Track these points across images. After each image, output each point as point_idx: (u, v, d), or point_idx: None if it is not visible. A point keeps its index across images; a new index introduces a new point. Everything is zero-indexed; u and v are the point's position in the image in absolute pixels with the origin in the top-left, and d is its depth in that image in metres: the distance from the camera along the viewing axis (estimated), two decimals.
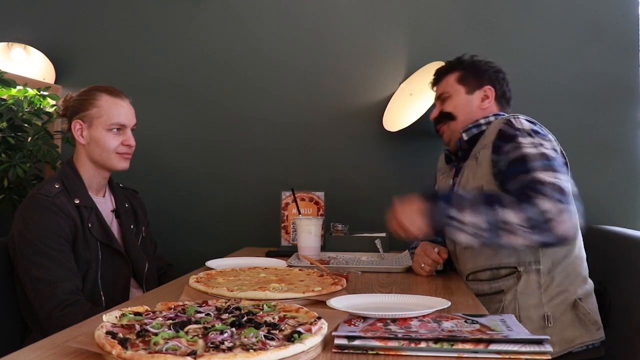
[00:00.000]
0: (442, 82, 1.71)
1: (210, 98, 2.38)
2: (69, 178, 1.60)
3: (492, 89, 1.65)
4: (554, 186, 1.29)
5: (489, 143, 1.49)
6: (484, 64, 1.68)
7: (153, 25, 2.42)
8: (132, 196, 1.84)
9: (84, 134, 1.62)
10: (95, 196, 1.66)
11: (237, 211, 2.35)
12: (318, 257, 1.76)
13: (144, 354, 0.71)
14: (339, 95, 2.32)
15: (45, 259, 1.45)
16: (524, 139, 1.41)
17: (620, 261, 1.64)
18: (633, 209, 2.16)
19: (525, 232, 1.25)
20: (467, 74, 1.67)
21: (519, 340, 0.80)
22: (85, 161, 1.64)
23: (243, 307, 0.98)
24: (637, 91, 2.18)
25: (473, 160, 1.55)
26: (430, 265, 1.57)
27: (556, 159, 1.40)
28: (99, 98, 1.63)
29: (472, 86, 1.66)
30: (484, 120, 1.61)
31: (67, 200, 1.54)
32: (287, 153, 2.34)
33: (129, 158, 1.68)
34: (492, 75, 1.66)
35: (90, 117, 1.62)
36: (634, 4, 2.18)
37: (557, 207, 1.25)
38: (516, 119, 1.47)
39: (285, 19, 2.36)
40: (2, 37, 2.42)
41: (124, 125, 1.65)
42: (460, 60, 1.71)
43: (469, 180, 1.54)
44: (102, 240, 1.58)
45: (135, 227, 1.76)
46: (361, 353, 0.82)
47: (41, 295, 1.43)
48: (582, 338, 1.44)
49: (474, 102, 1.65)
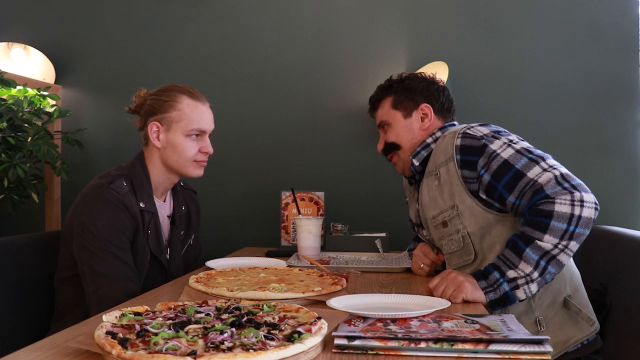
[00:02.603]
0: (379, 110, 1.68)
1: (209, 98, 2.36)
2: (138, 178, 1.53)
3: (429, 105, 1.61)
4: (556, 179, 1.30)
5: (448, 159, 1.46)
6: (414, 81, 1.64)
7: (153, 25, 2.42)
8: (190, 198, 1.78)
9: (160, 137, 1.54)
10: (158, 200, 1.60)
11: (237, 211, 2.35)
12: (318, 257, 1.76)
13: (144, 354, 0.71)
14: (339, 95, 2.32)
15: (110, 257, 1.41)
16: (492, 145, 1.40)
17: (620, 261, 1.64)
18: (633, 209, 2.16)
19: (565, 246, 1.28)
20: (399, 97, 1.63)
21: (519, 341, 0.80)
22: (157, 163, 1.57)
23: (243, 307, 0.98)
24: (637, 91, 2.17)
25: (432, 179, 1.52)
26: (429, 266, 1.58)
27: (532, 147, 1.41)
28: (180, 100, 1.55)
29: (407, 109, 1.62)
30: (430, 139, 1.58)
31: (134, 201, 1.48)
32: (287, 153, 2.34)
33: (205, 165, 1.61)
34: (424, 91, 1.62)
35: (169, 120, 1.53)
36: (634, 4, 2.18)
37: (574, 200, 1.27)
38: (471, 129, 1.46)
39: (285, 19, 2.36)
40: (2, 37, 2.42)
41: (204, 131, 1.57)
42: (390, 82, 1.67)
43: (436, 201, 1.50)
44: (153, 251, 1.54)
45: (186, 233, 1.71)
46: (361, 353, 0.82)
47: (103, 291, 1.39)
48: (576, 337, 1.43)
49: (414, 125, 1.61)
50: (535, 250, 1.28)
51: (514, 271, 1.29)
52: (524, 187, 1.34)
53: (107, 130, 2.41)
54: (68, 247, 1.50)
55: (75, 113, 2.39)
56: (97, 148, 2.42)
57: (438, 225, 1.51)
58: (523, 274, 1.28)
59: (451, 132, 1.50)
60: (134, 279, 1.44)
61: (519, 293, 1.29)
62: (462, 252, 1.47)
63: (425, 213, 1.56)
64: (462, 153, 1.43)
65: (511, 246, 1.32)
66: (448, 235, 1.49)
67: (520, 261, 1.29)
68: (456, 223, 1.46)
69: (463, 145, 1.43)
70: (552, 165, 1.35)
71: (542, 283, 1.31)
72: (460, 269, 1.47)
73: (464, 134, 1.45)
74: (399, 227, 2.19)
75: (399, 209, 2.23)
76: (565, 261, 1.31)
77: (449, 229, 1.48)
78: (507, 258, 1.31)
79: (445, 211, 1.48)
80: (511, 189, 1.36)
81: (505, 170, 1.36)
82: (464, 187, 1.44)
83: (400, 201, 2.26)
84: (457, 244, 1.47)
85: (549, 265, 1.29)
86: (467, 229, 1.45)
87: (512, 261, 1.30)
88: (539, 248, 1.28)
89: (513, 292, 1.29)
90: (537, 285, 1.30)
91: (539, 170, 1.33)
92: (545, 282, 1.32)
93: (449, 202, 1.47)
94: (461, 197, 1.44)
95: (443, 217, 1.49)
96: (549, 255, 1.28)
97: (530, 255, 1.28)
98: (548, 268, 1.29)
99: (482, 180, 1.40)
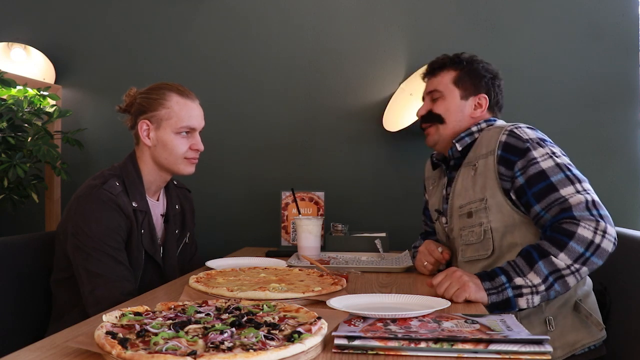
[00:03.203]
0: (437, 78, 1.63)
1: (209, 98, 2.37)
2: (130, 177, 1.53)
3: (487, 97, 1.60)
4: (586, 204, 1.30)
5: (489, 152, 1.46)
6: (482, 67, 1.62)
7: (153, 25, 2.42)
8: (184, 196, 1.78)
9: (150, 135, 1.54)
10: (151, 199, 1.60)
11: (237, 211, 2.35)
12: (318, 257, 1.76)
13: (144, 354, 0.71)
14: (339, 95, 2.33)
15: (105, 257, 1.41)
16: (535, 151, 1.39)
17: (620, 261, 1.64)
18: (633, 209, 2.16)
19: (577, 269, 1.28)
20: (464, 76, 1.60)
21: (519, 340, 0.80)
22: (148, 162, 1.57)
23: (243, 307, 0.97)
24: (637, 91, 2.18)
25: (469, 169, 1.52)
26: (432, 264, 1.57)
27: (572, 166, 1.40)
28: (169, 98, 1.55)
29: (467, 91, 1.60)
30: (475, 127, 1.57)
31: (127, 201, 1.49)
32: (287, 153, 2.34)
33: (196, 163, 1.60)
34: (489, 82, 1.61)
35: (159, 118, 1.54)
36: (634, 4, 2.18)
37: (597, 229, 1.28)
38: (519, 129, 1.45)
39: (285, 19, 2.36)
40: (2, 37, 2.42)
41: (193, 129, 1.57)
42: (460, 58, 1.63)
43: (467, 191, 1.50)
44: (147, 250, 1.54)
45: (180, 232, 1.71)
46: (361, 353, 0.82)
47: (100, 291, 1.39)
48: (584, 340, 1.42)
49: (466, 109, 1.59)
50: (547, 265, 1.27)
51: (522, 279, 1.28)
52: (553, 201, 1.33)
53: (107, 130, 2.41)
54: (63, 249, 1.51)
55: (75, 113, 2.39)
56: (97, 148, 2.42)
57: (463, 215, 1.51)
58: (530, 284, 1.28)
59: (498, 126, 1.50)
60: (130, 279, 1.45)
61: (521, 301, 1.28)
62: (479, 245, 1.47)
63: (453, 201, 1.55)
64: (504, 150, 1.43)
65: (524, 255, 1.31)
66: (470, 227, 1.49)
67: (530, 271, 1.28)
68: (481, 216, 1.45)
69: (507, 142, 1.43)
70: (586, 189, 1.34)
71: (545, 298, 1.30)
72: (472, 263, 1.47)
73: (511, 132, 1.44)
74: (399, 227, 2.19)
75: (399, 209, 2.24)
76: (572, 284, 1.30)
77: (473, 220, 1.48)
78: (518, 265, 1.30)
79: (473, 202, 1.48)
80: (540, 199, 1.35)
81: (540, 180, 1.36)
82: (497, 183, 1.43)
83: (400, 201, 2.26)
84: (477, 237, 1.47)
85: (556, 283, 1.28)
86: (491, 223, 1.44)
87: (522, 269, 1.29)
88: (552, 264, 1.27)
89: (516, 300, 1.28)
90: (540, 299, 1.29)
91: (573, 190, 1.33)
92: (548, 298, 1.31)
93: (479, 194, 1.47)
94: (492, 191, 1.44)
95: (470, 208, 1.48)
96: (559, 273, 1.27)
97: (542, 268, 1.27)
98: (555, 286, 1.28)
99: (515, 181, 1.40)
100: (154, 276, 1.58)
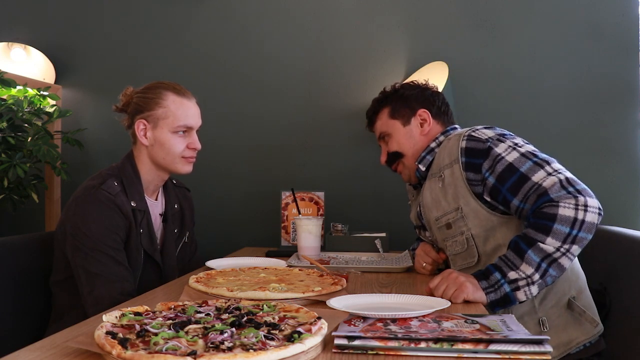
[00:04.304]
0: (377, 123, 1.68)
1: (209, 98, 2.37)
2: (128, 177, 1.53)
3: (426, 110, 1.61)
4: (560, 183, 1.30)
5: (453, 161, 1.46)
6: (407, 87, 1.65)
7: (153, 25, 2.42)
8: (183, 196, 1.78)
9: (147, 135, 1.54)
10: (149, 198, 1.60)
11: (237, 211, 2.36)
12: (318, 257, 1.76)
13: (144, 354, 0.71)
14: (339, 95, 2.33)
15: (104, 257, 1.41)
16: (497, 147, 1.40)
17: (620, 261, 1.64)
18: (633, 209, 2.16)
19: (567, 249, 1.28)
20: (395, 105, 1.63)
21: (519, 341, 0.80)
22: (146, 162, 1.57)
23: (243, 307, 0.98)
24: (637, 91, 2.18)
25: (435, 180, 1.52)
26: (431, 265, 1.59)
27: (537, 151, 1.41)
28: (165, 97, 1.54)
29: (405, 116, 1.62)
30: (434, 143, 1.58)
31: (126, 200, 1.48)
32: (287, 153, 2.34)
33: (193, 161, 1.60)
34: (419, 97, 1.63)
35: (155, 117, 1.53)
36: (634, 4, 2.18)
37: (578, 204, 1.27)
38: (476, 132, 1.46)
39: (285, 19, 2.36)
40: (2, 37, 2.42)
41: (190, 128, 1.56)
42: (385, 93, 1.68)
43: (439, 202, 1.50)
44: (146, 250, 1.54)
45: (179, 231, 1.71)
46: (361, 353, 0.82)
47: (99, 291, 1.39)
48: (579, 338, 1.42)
49: (413, 131, 1.61)
50: (537, 252, 1.28)
51: (515, 272, 1.28)
52: (528, 190, 1.33)
53: (107, 130, 2.41)
54: (62, 250, 1.51)
55: (75, 113, 2.39)
56: (97, 148, 2.42)
57: (442, 227, 1.51)
58: (524, 276, 1.28)
59: (456, 134, 1.50)
60: (129, 279, 1.44)
61: (520, 294, 1.29)
62: (466, 254, 1.48)
63: (427, 214, 1.56)
64: (467, 155, 1.43)
65: (513, 247, 1.32)
66: (452, 237, 1.49)
67: (522, 262, 1.28)
68: (460, 225, 1.46)
69: (468, 147, 1.44)
70: (556, 169, 1.35)
71: (543, 285, 1.30)
72: (465, 271, 1.46)
73: (469, 137, 1.45)
74: (399, 227, 2.19)
75: (399, 209, 2.24)
76: (567, 265, 1.30)
77: (453, 230, 1.48)
78: (509, 259, 1.30)
79: (449, 213, 1.48)
80: (515, 192, 1.36)
81: (510, 174, 1.36)
82: (468, 190, 1.44)
83: (400, 201, 2.26)
84: (461, 246, 1.47)
85: (550, 268, 1.28)
86: (471, 231, 1.45)
87: (513, 262, 1.29)
88: (541, 250, 1.28)
89: (514, 293, 1.28)
90: (537, 288, 1.29)
91: (544, 174, 1.33)
92: (546, 285, 1.31)
93: (453, 204, 1.47)
94: (465, 199, 1.44)
95: (447, 219, 1.49)
96: (551, 258, 1.28)
97: (532, 257, 1.28)
98: (549, 271, 1.28)
99: (486, 183, 1.41)
100: (153, 276, 1.57)
